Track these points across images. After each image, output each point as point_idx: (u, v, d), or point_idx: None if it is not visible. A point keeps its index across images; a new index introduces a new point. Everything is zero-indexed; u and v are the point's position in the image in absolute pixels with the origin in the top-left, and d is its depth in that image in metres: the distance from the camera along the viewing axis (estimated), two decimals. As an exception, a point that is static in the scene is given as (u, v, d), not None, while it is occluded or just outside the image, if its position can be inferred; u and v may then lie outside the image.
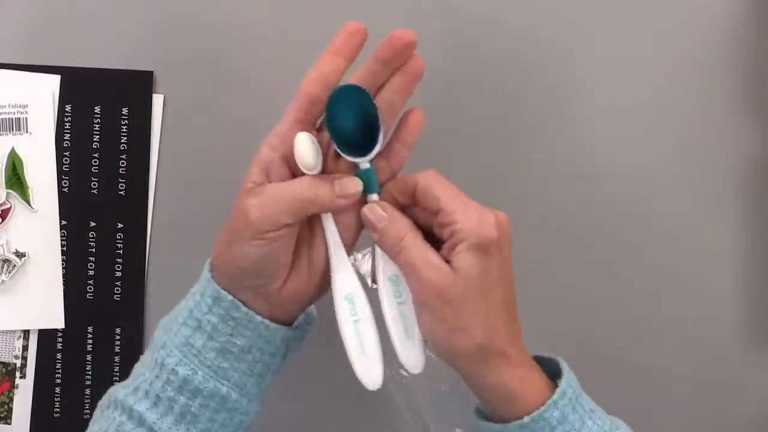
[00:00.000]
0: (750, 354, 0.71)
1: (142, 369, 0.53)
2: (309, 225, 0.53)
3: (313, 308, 0.55)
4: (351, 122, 0.50)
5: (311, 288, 0.52)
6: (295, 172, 0.51)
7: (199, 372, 0.50)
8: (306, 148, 0.50)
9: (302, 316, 0.54)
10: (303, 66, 0.52)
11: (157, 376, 0.51)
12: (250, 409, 0.53)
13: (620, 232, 0.71)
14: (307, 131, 0.51)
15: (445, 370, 0.53)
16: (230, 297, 0.50)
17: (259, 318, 0.51)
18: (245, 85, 0.70)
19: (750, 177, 0.71)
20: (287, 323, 0.53)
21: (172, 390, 0.51)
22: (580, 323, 0.70)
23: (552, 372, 0.53)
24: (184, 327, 0.51)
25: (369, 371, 0.52)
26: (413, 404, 0.69)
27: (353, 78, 0.51)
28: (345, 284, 0.52)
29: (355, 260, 0.59)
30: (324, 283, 0.53)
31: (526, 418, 0.50)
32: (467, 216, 0.50)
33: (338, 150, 0.51)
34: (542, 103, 0.71)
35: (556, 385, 0.52)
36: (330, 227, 0.52)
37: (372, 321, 0.52)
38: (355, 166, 0.52)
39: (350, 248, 0.53)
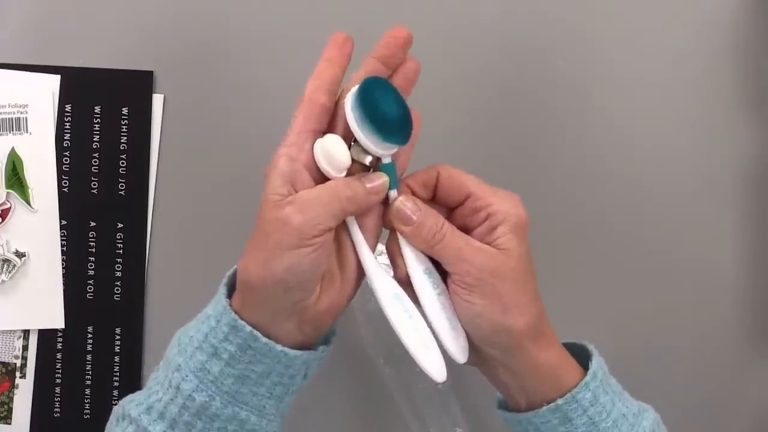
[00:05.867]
0: (750, 354, 0.71)
1: (156, 385, 0.52)
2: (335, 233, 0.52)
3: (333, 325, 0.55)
4: (392, 108, 0.49)
5: (344, 297, 0.52)
6: (316, 179, 0.50)
7: (217, 398, 0.50)
8: (340, 148, 0.50)
9: (321, 338, 0.53)
10: (303, 65, 0.51)
11: (172, 399, 0.50)
12: (270, 429, 0.52)
13: (619, 232, 0.71)
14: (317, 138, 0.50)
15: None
16: (248, 328, 0.49)
17: (278, 347, 0.49)
18: (245, 85, 0.70)
19: (750, 177, 0.71)
20: (314, 339, 0.52)
21: (189, 415, 0.50)
22: (579, 322, 0.70)
23: (576, 358, 0.53)
24: (199, 351, 0.50)
25: (436, 364, 0.51)
26: (413, 404, 0.69)
27: (355, 80, 0.51)
28: (389, 285, 0.52)
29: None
30: (354, 291, 0.52)
31: (560, 401, 0.50)
32: (501, 198, 0.51)
33: (370, 140, 0.49)
34: (541, 103, 0.71)
35: (584, 369, 0.52)
36: (357, 232, 0.52)
37: (421, 315, 0.52)
38: (374, 164, 0.51)
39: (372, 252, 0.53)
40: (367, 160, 0.51)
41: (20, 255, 0.69)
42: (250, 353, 0.49)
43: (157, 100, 0.70)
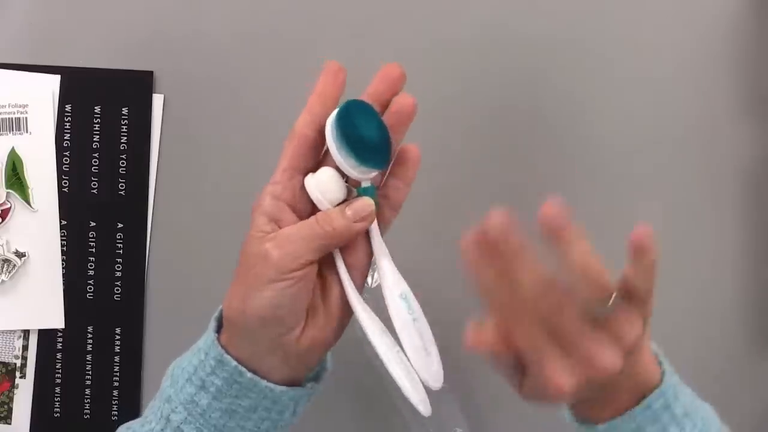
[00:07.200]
0: (750, 354, 0.71)
1: (151, 414, 0.52)
2: (319, 269, 0.51)
3: (328, 361, 0.54)
4: (370, 129, 0.48)
5: (329, 333, 0.51)
6: (302, 216, 0.50)
7: (205, 431, 0.50)
8: (335, 181, 0.49)
9: (311, 373, 0.53)
10: (303, 66, 0.52)
11: (162, 430, 0.51)
12: None
13: (619, 232, 0.71)
14: (305, 175, 0.50)
15: (445, 370, 0.52)
16: (234, 363, 0.49)
17: (263, 383, 0.49)
18: (245, 85, 0.70)
19: (750, 177, 0.71)
20: (303, 374, 0.52)
21: None
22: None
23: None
24: (188, 384, 0.50)
25: (422, 396, 0.51)
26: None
27: None
28: (376, 322, 0.51)
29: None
30: (341, 328, 0.52)
31: (600, 426, 0.48)
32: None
33: (348, 163, 0.49)
34: (540, 103, 0.71)
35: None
36: (343, 271, 0.51)
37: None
38: (354, 189, 0.51)
39: (360, 290, 0.52)
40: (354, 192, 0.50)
41: (20, 255, 0.69)
42: (236, 387, 0.50)
43: (157, 100, 0.70)
